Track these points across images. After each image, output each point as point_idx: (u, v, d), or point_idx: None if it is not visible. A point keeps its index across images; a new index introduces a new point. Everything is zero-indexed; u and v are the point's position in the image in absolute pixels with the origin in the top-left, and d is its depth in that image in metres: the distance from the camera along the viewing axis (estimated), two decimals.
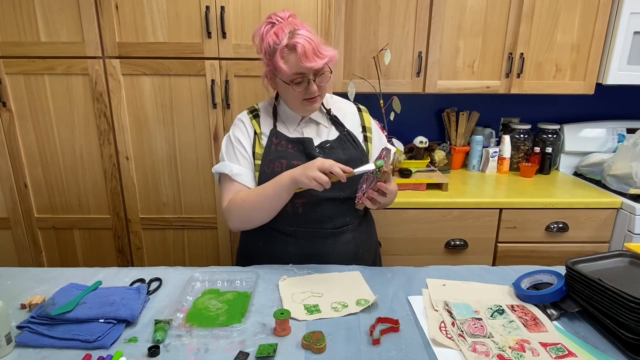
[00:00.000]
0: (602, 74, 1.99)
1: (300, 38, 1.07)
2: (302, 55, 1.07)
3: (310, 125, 1.26)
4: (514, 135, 2.28)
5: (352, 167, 1.07)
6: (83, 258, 1.91)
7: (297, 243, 1.23)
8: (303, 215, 1.20)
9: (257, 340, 0.90)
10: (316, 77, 1.13)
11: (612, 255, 1.07)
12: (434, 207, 1.83)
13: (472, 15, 1.92)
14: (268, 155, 1.20)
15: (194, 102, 1.72)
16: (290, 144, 1.20)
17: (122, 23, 1.62)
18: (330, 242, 1.23)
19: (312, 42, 1.08)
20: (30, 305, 1.00)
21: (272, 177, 1.16)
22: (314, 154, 1.18)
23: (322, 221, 1.22)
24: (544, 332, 0.92)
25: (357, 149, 1.24)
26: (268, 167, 1.19)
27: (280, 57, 1.09)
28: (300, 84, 1.13)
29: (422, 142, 2.08)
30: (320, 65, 1.10)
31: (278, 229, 1.23)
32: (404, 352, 0.86)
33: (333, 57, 1.13)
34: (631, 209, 1.77)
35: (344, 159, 1.19)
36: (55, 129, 1.74)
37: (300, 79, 1.12)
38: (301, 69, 1.09)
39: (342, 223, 1.24)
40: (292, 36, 1.08)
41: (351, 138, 1.25)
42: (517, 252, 1.90)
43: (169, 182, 1.82)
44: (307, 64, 1.08)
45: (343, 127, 1.26)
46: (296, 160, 1.17)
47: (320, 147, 1.22)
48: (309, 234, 1.22)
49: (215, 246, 1.90)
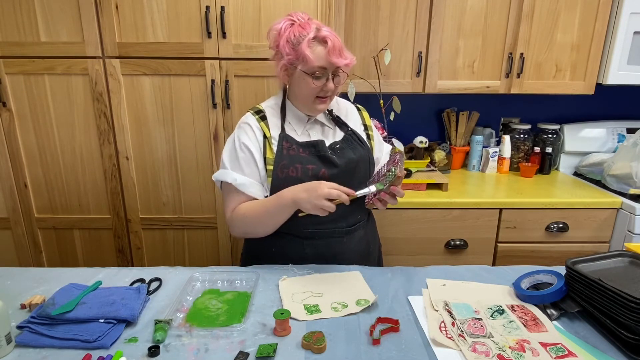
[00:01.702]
0: (602, 74, 1.99)
1: (330, 33, 1.10)
2: (331, 49, 1.09)
3: (316, 127, 1.26)
4: (514, 135, 2.28)
5: (362, 167, 1.11)
6: (83, 258, 1.91)
7: (314, 244, 1.22)
8: (317, 217, 1.19)
9: (257, 340, 0.90)
10: (334, 77, 1.15)
11: (612, 255, 1.07)
12: (434, 207, 1.83)
13: (472, 15, 1.92)
14: (281, 161, 1.17)
15: (194, 102, 1.72)
16: (301, 148, 1.19)
17: (122, 23, 1.62)
18: (346, 241, 1.24)
19: (339, 40, 1.11)
20: (30, 305, 1.00)
21: (286, 182, 1.15)
22: (328, 155, 1.18)
23: (336, 220, 1.22)
24: (544, 332, 0.92)
25: (364, 147, 1.25)
26: (282, 172, 1.17)
27: (307, 46, 1.09)
28: (319, 79, 1.13)
29: (422, 142, 2.08)
30: (343, 63, 1.12)
31: (292, 232, 1.22)
32: (404, 352, 0.86)
33: (353, 60, 1.15)
34: (631, 209, 1.77)
35: (355, 159, 1.21)
36: (55, 129, 1.74)
37: (321, 73, 1.13)
38: (326, 63, 1.11)
39: (354, 220, 1.25)
40: (319, 31, 1.10)
41: (357, 137, 1.26)
42: (517, 252, 1.90)
43: (169, 182, 1.82)
44: (334, 59, 1.10)
45: (347, 127, 1.27)
46: (311, 164, 1.17)
47: (331, 148, 1.21)
48: (326, 234, 1.22)
49: (215, 246, 1.90)
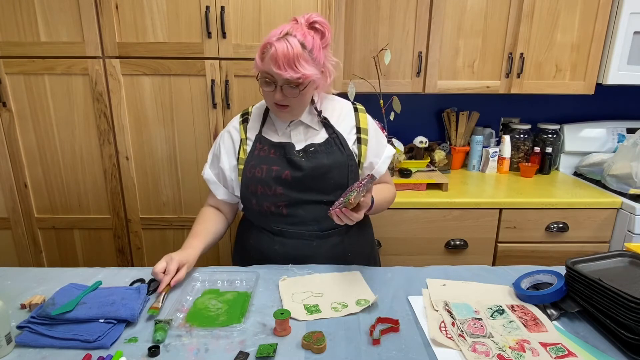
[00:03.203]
0: (602, 74, 1.99)
1: (282, 43, 1.04)
2: (271, 57, 1.05)
3: (299, 128, 1.24)
4: (514, 135, 2.28)
5: (336, 173, 1.18)
6: (83, 258, 1.92)
7: (283, 242, 1.23)
8: (288, 216, 1.21)
9: (257, 340, 0.90)
10: (284, 87, 1.09)
11: (612, 255, 1.07)
12: (434, 207, 1.83)
13: (472, 15, 1.92)
14: (250, 160, 1.21)
15: (194, 102, 1.72)
16: (272, 149, 1.20)
17: (122, 23, 1.62)
18: (316, 245, 1.23)
19: (292, 51, 1.04)
20: (30, 305, 1.00)
21: (253, 181, 1.19)
22: (294, 158, 1.18)
23: (307, 223, 1.22)
24: (544, 332, 0.92)
25: (343, 153, 1.21)
26: (249, 172, 1.20)
27: (260, 51, 1.10)
28: (268, 85, 1.12)
29: (422, 142, 2.09)
30: (287, 76, 1.06)
31: (265, 227, 1.25)
32: (404, 352, 0.86)
33: (308, 76, 1.07)
34: (631, 209, 1.77)
35: (327, 164, 1.19)
36: (55, 129, 1.74)
37: (268, 79, 1.10)
38: (269, 69, 1.07)
39: (329, 226, 1.22)
40: (279, 38, 1.06)
41: (339, 141, 1.22)
42: (517, 252, 1.90)
43: (169, 182, 1.82)
44: (273, 69, 1.06)
45: (332, 130, 1.23)
46: (276, 166, 1.18)
47: (303, 150, 1.20)
48: (295, 234, 1.22)
49: (215, 246, 1.90)
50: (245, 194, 1.23)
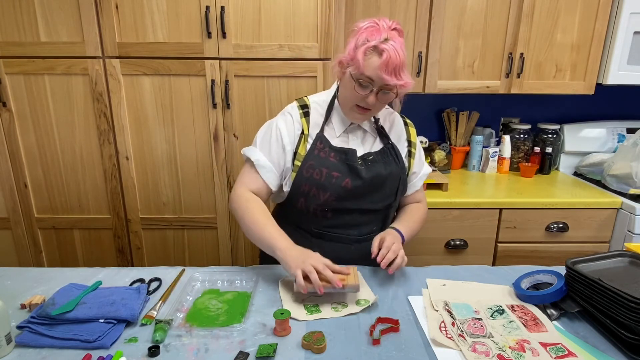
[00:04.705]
0: (602, 74, 1.99)
1: (392, 48, 1.04)
2: (383, 62, 1.04)
3: (357, 133, 1.23)
4: (514, 135, 2.28)
5: (389, 184, 1.17)
6: (83, 258, 1.91)
7: (321, 245, 1.21)
8: (332, 220, 1.20)
9: (257, 340, 0.90)
10: (380, 92, 1.10)
11: (612, 255, 1.07)
12: (434, 207, 1.83)
13: (472, 15, 1.92)
14: (309, 160, 1.17)
15: (194, 102, 1.72)
16: (333, 152, 1.18)
17: (122, 23, 1.62)
18: (354, 249, 1.23)
19: (399, 58, 1.04)
20: (30, 305, 1.00)
21: (309, 182, 1.16)
22: (356, 165, 1.16)
23: (348, 227, 1.22)
24: (544, 332, 0.92)
25: (398, 164, 1.22)
26: (307, 171, 1.17)
27: (363, 52, 1.06)
28: (363, 88, 1.09)
29: (422, 142, 2.09)
30: (393, 82, 1.06)
31: (304, 227, 1.24)
32: (404, 352, 0.86)
33: (407, 84, 1.08)
34: (631, 209, 1.77)
35: (384, 175, 1.19)
36: (55, 129, 1.74)
37: (367, 83, 1.09)
38: (375, 75, 1.06)
39: (368, 231, 1.24)
40: (384, 42, 1.04)
41: (394, 152, 1.22)
42: (517, 252, 1.90)
43: (169, 182, 1.82)
44: (383, 74, 1.05)
45: (388, 139, 1.23)
46: (337, 172, 1.16)
47: (362, 158, 1.19)
48: (334, 238, 1.22)
49: (215, 246, 1.90)
50: (295, 191, 1.20)
